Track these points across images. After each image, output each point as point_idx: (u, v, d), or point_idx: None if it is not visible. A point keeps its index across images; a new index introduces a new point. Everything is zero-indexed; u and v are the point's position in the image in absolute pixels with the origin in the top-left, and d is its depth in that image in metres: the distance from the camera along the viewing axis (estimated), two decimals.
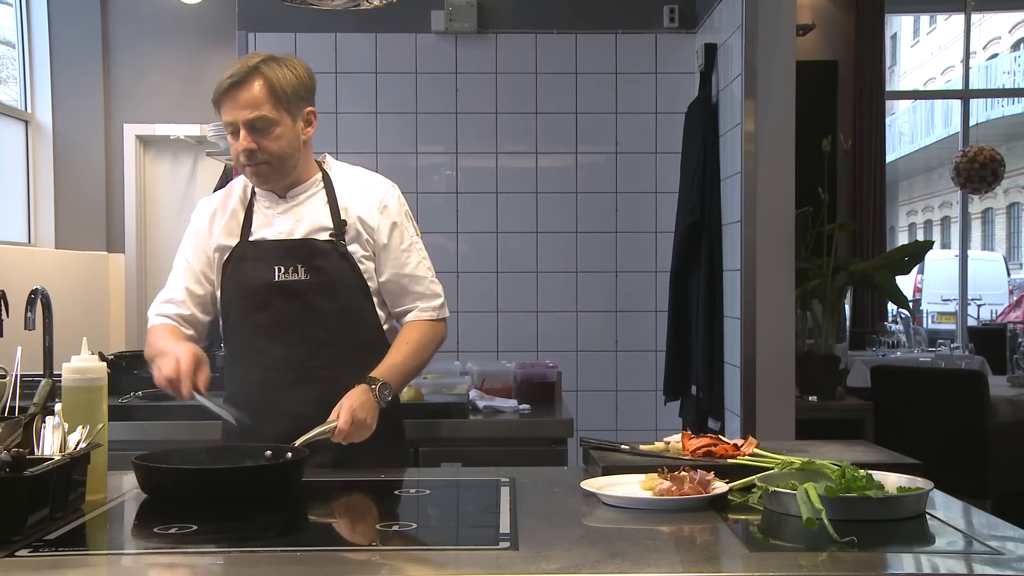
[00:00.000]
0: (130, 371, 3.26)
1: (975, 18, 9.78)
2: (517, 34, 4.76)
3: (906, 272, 5.51)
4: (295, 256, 2.36)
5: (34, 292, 2.29)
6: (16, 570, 1.44)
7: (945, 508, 1.80)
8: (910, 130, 20.46)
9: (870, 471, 1.74)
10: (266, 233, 2.40)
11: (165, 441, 2.88)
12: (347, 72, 4.71)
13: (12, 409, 1.89)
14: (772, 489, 1.73)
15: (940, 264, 13.81)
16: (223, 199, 2.49)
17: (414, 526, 1.79)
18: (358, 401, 2.23)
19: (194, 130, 5.97)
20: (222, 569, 1.52)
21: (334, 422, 2.19)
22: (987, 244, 21.18)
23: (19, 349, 1.97)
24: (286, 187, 2.41)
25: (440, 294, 2.47)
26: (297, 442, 2.10)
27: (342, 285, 2.37)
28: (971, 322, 10.23)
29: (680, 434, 2.14)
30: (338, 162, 2.52)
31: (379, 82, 4.75)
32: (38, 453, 1.76)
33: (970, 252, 10.29)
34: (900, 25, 21.11)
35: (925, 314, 13.88)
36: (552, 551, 1.51)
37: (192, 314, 2.44)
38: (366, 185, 2.47)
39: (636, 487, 1.86)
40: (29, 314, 2.31)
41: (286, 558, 1.52)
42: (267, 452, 2.02)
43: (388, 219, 2.42)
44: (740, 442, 2.06)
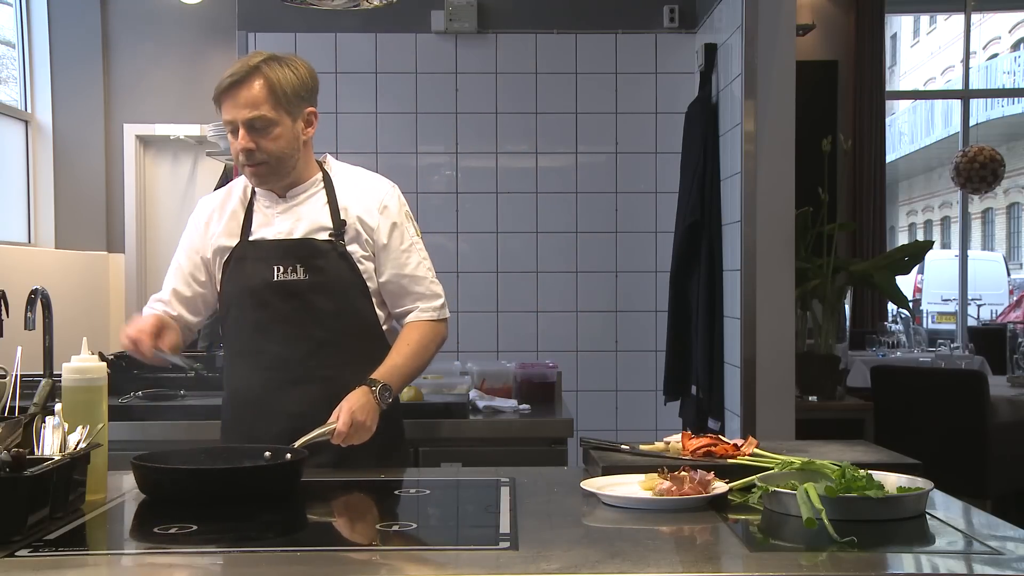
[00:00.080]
0: (130, 371, 3.26)
1: (975, 18, 9.78)
2: (517, 34, 4.76)
3: (906, 272, 5.51)
4: (294, 256, 2.36)
5: (34, 292, 2.29)
6: (16, 570, 1.44)
7: (945, 508, 1.80)
8: (910, 130, 20.46)
9: (870, 471, 1.74)
10: (266, 233, 2.40)
11: (165, 441, 2.88)
12: (347, 72, 4.71)
13: (12, 409, 1.89)
14: (772, 489, 1.73)
15: (940, 264, 13.81)
16: (222, 199, 2.49)
17: (414, 526, 1.79)
18: (358, 403, 2.23)
19: (194, 130, 5.96)
20: (222, 569, 1.52)
21: (333, 424, 2.19)
22: (987, 244, 21.18)
23: (19, 349, 1.97)
24: (285, 187, 2.41)
25: (440, 294, 2.47)
26: (296, 443, 2.10)
27: (341, 285, 2.37)
28: (971, 322, 10.23)
29: (680, 434, 2.14)
30: (339, 162, 2.52)
31: (379, 82, 4.75)
32: (38, 453, 1.76)
33: (970, 252, 10.29)
34: (900, 25, 21.11)
35: (925, 314, 13.88)
36: (552, 551, 1.51)
37: (179, 315, 2.46)
38: (366, 185, 2.46)
39: (636, 487, 1.86)
40: (29, 314, 2.31)
41: (286, 558, 1.52)
42: (266, 453, 2.02)
43: (388, 219, 2.42)
44: (740, 442, 2.06)
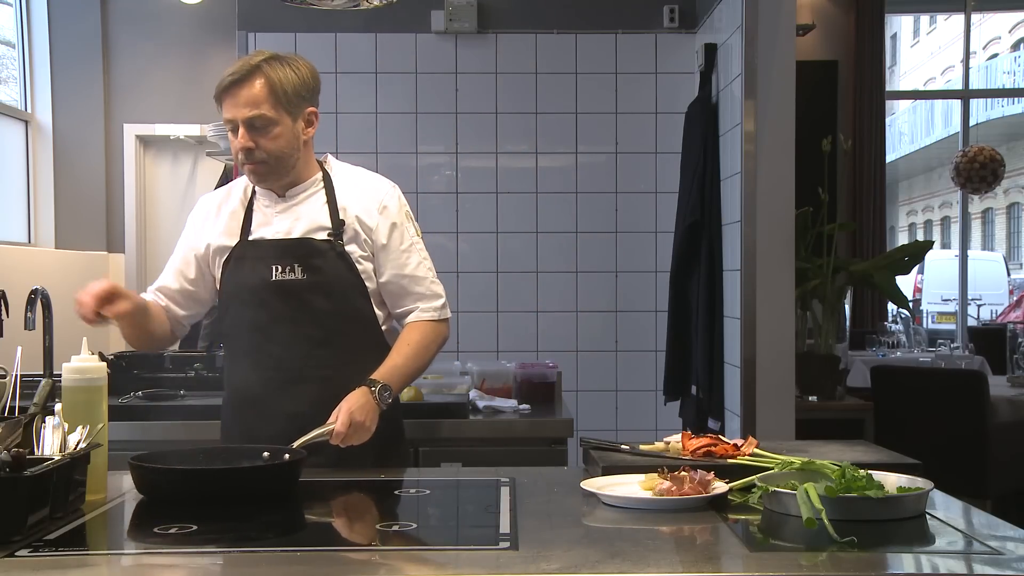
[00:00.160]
0: (130, 371, 3.27)
1: (975, 18, 9.78)
2: (517, 34, 4.76)
3: (906, 272, 5.51)
4: (292, 255, 2.36)
5: (34, 292, 2.29)
6: (16, 570, 1.44)
7: (945, 508, 1.80)
8: (910, 130, 20.46)
9: (870, 471, 1.74)
10: (265, 232, 2.40)
11: (165, 441, 2.88)
12: (347, 72, 4.71)
13: (12, 409, 1.89)
14: (772, 489, 1.73)
15: (940, 264, 13.81)
16: (222, 198, 2.49)
17: (414, 526, 1.79)
18: (357, 404, 2.23)
19: (194, 130, 5.96)
20: (222, 569, 1.52)
21: (332, 424, 2.19)
22: (987, 244, 21.19)
23: (19, 349, 1.97)
24: (285, 186, 2.41)
25: (441, 294, 2.46)
26: (295, 444, 2.10)
27: (339, 285, 2.37)
28: (971, 322, 10.23)
29: (680, 434, 2.14)
30: (340, 162, 2.52)
31: (379, 82, 4.75)
32: (38, 453, 1.76)
33: (970, 252, 10.29)
34: (900, 25, 21.11)
35: (925, 314, 13.88)
36: (552, 551, 1.51)
37: (167, 306, 2.47)
38: (366, 185, 2.46)
39: (636, 487, 1.86)
40: (29, 314, 2.31)
41: (286, 558, 1.52)
42: (265, 454, 2.02)
43: (387, 220, 2.42)
44: (740, 442, 2.06)
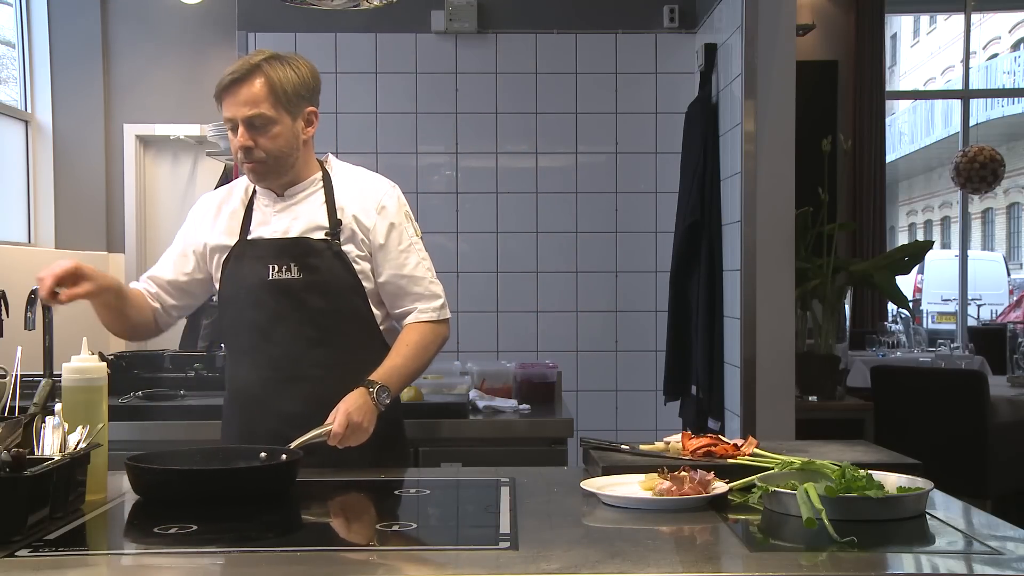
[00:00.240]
0: (130, 371, 3.27)
1: (975, 18, 9.78)
2: (517, 34, 4.76)
3: (906, 272, 5.51)
4: (289, 255, 2.36)
5: (34, 292, 2.29)
6: (16, 570, 1.44)
7: (945, 508, 1.80)
8: (910, 130, 20.46)
9: (870, 471, 1.74)
10: (263, 232, 2.41)
11: (165, 441, 2.87)
12: (347, 72, 4.71)
13: (12, 409, 1.89)
14: (772, 489, 1.73)
15: (940, 264, 13.81)
16: (223, 197, 2.50)
17: (414, 526, 1.79)
18: (354, 405, 2.22)
19: (194, 130, 5.96)
20: (222, 569, 1.52)
21: (330, 425, 2.19)
22: (987, 244, 21.19)
23: (19, 349, 1.97)
24: (284, 185, 2.41)
25: (440, 295, 2.46)
26: (292, 444, 2.09)
27: (335, 285, 2.37)
28: (971, 322, 10.23)
29: (680, 434, 2.14)
30: (341, 162, 2.52)
31: (379, 82, 4.75)
32: (38, 453, 1.76)
33: (970, 252, 10.29)
34: (900, 25, 21.11)
35: (925, 314, 13.88)
36: (552, 551, 1.51)
37: (156, 293, 2.47)
38: (365, 185, 2.46)
39: (636, 487, 1.86)
40: (29, 314, 2.31)
41: (286, 558, 1.52)
42: (262, 454, 2.02)
43: (385, 220, 2.41)
44: (740, 442, 2.06)
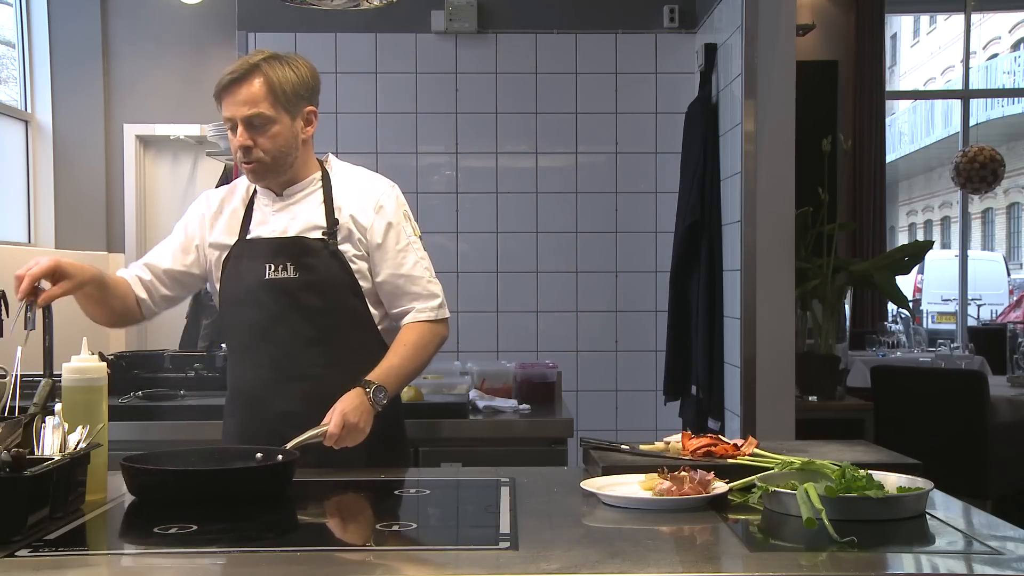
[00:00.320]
0: (130, 371, 3.27)
1: (975, 18, 9.78)
2: (517, 34, 4.76)
3: (906, 272, 5.51)
4: (285, 254, 2.36)
5: (34, 292, 2.28)
6: (16, 570, 1.44)
7: (945, 508, 1.80)
8: (910, 130, 20.46)
9: (870, 471, 1.74)
10: (262, 231, 2.41)
11: (165, 441, 2.88)
12: (347, 72, 4.71)
13: (12, 409, 1.89)
14: (772, 489, 1.73)
15: (940, 264, 13.81)
16: (226, 195, 2.50)
17: (414, 526, 1.79)
18: (351, 405, 2.22)
19: (194, 130, 5.96)
20: (222, 569, 1.52)
21: (326, 426, 2.18)
22: (987, 244, 21.19)
23: (19, 349, 1.97)
24: (283, 184, 2.42)
25: (438, 294, 2.45)
26: (288, 444, 2.09)
27: (332, 284, 2.37)
28: (971, 322, 10.23)
29: (680, 434, 2.14)
30: (341, 162, 2.52)
31: (379, 82, 4.74)
32: (38, 453, 1.76)
33: (970, 252, 10.29)
34: (900, 25, 21.11)
35: (925, 314, 13.88)
36: (552, 551, 1.51)
37: (150, 281, 2.45)
38: (363, 185, 2.46)
39: (636, 487, 1.86)
40: (29, 314, 2.30)
41: (286, 558, 1.52)
42: (258, 455, 2.02)
43: (383, 219, 2.41)
44: (740, 442, 2.06)
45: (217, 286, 2.46)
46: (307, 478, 2.04)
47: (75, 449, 1.77)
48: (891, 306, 7.43)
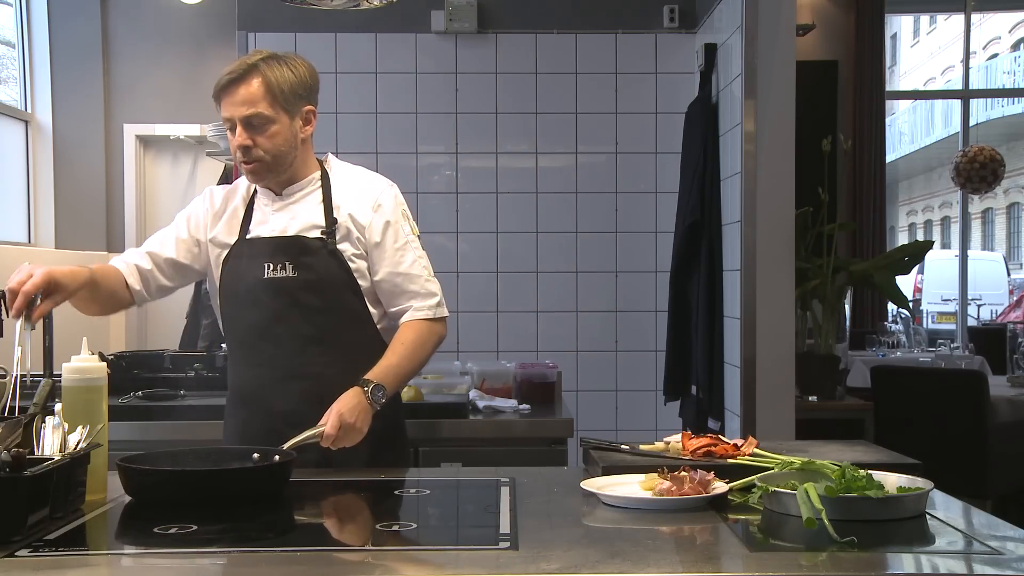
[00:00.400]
0: (130, 371, 3.27)
1: (975, 18, 9.78)
2: (517, 34, 4.76)
3: (906, 272, 5.51)
4: (284, 253, 2.37)
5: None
6: (16, 570, 1.44)
7: (945, 508, 1.80)
8: (910, 130, 20.46)
9: (870, 471, 1.74)
10: (261, 231, 2.42)
11: (164, 441, 2.88)
12: (347, 72, 4.71)
13: (12, 409, 1.89)
14: (772, 489, 1.73)
15: (940, 264, 13.81)
16: (228, 194, 2.51)
17: (414, 526, 1.79)
18: (348, 405, 2.22)
19: (194, 130, 5.96)
20: (222, 569, 1.52)
21: (322, 427, 2.18)
22: (987, 244, 21.19)
23: (19, 349, 1.97)
24: (282, 184, 2.42)
25: (436, 293, 2.45)
26: (285, 445, 2.08)
27: (330, 283, 2.37)
28: (971, 322, 10.23)
29: (680, 434, 2.14)
30: (340, 162, 2.52)
31: (379, 82, 4.74)
32: (38, 453, 1.76)
33: (970, 252, 10.29)
34: (900, 25, 21.11)
35: (925, 314, 13.88)
36: (552, 551, 1.51)
37: (151, 270, 2.44)
38: (362, 184, 2.47)
39: (636, 487, 1.86)
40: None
41: (287, 558, 1.52)
42: (254, 455, 2.01)
43: (382, 217, 2.41)
44: (740, 442, 2.06)
45: (217, 284, 2.46)
46: (307, 478, 2.04)
47: (75, 449, 1.77)
48: (891, 306, 7.43)
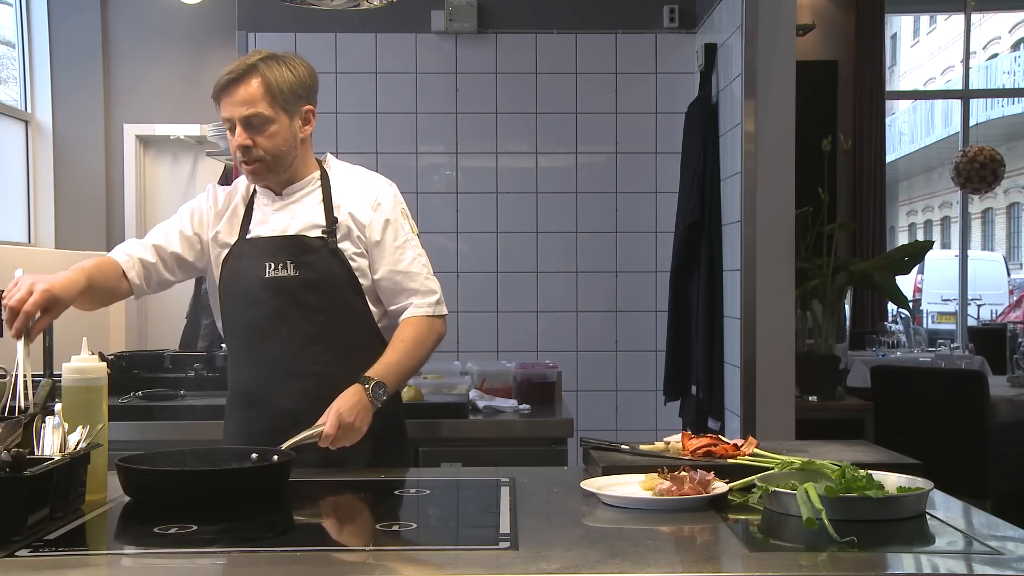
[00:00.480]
0: (130, 371, 3.27)
1: (975, 18, 9.78)
2: (517, 34, 4.76)
3: (906, 272, 5.51)
4: (285, 252, 2.37)
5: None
6: (16, 570, 1.44)
7: (945, 508, 1.80)
8: (910, 130, 20.46)
9: (870, 471, 1.74)
10: (262, 230, 2.42)
11: (164, 441, 2.87)
12: (347, 72, 4.71)
13: (12, 409, 1.89)
14: (772, 489, 1.73)
15: (940, 264, 13.81)
16: (230, 193, 2.51)
17: (414, 526, 1.79)
18: (347, 404, 2.21)
19: (194, 130, 5.97)
20: (222, 569, 1.52)
21: (321, 427, 2.18)
22: (987, 244, 21.19)
23: (19, 348, 1.97)
24: (282, 184, 2.42)
25: (436, 290, 2.46)
26: (284, 445, 2.08)
27: (331, 282, 2.37)
28: (971, 322, 10.23)
29: (680, 434, 2.14)
30: (340, 161, 2.53)
31: (379, 82, 4.74)
32: (38, 453, 1.76)
33: (970, 252, 10.29)
34: (900, 25, 21.11)
35: (925, 314, 13.88)
36: (552, 551, 1.51)
37: (155, 263, 2.43)
38: (362, 183, 2.47)
39: (636, 487, 1.86)
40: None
41: (287, 558, 1.52)
42: (253, 455, 2.01)
43: (381, 216, 2.42)
44: (740, 442, 2.06)
45: (217, 283, 2.46)
46: (307, 478, 2.04)
47: (75, 449, 1.77)
48: (891, 306, 7.43)
